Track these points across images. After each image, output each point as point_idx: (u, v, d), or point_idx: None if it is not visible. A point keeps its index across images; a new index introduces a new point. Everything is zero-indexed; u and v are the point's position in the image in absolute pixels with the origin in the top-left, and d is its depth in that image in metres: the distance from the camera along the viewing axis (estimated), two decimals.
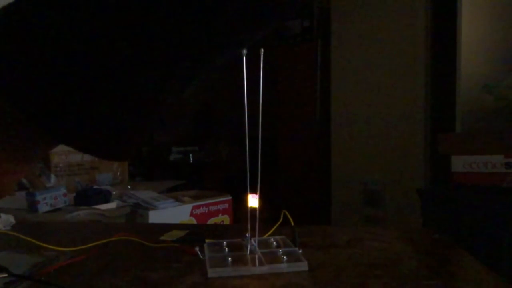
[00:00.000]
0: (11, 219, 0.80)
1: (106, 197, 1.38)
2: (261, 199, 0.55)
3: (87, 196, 1.36)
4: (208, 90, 3.73)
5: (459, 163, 1.51)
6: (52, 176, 1.60)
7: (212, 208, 1.44)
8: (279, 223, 0.68)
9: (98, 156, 0.25)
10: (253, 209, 0.55)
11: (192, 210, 1.37)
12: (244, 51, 0.46)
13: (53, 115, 0.22)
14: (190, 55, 0.23)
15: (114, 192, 1.47)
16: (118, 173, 1.88)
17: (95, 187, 1.58)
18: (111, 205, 1.34)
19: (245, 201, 0.56)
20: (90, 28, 0.21)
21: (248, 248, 0.56)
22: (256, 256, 0.53)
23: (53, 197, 1.28)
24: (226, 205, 1.49)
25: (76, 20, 0.21)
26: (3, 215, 0.79)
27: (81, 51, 0.21)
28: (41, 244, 0.60)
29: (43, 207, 1.25)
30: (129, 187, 1.72)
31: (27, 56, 0.21)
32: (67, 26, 0.21)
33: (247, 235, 0.57)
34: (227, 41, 0.24)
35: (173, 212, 1.31)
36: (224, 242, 0.59)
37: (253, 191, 0.55)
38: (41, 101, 0.22)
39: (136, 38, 0.21)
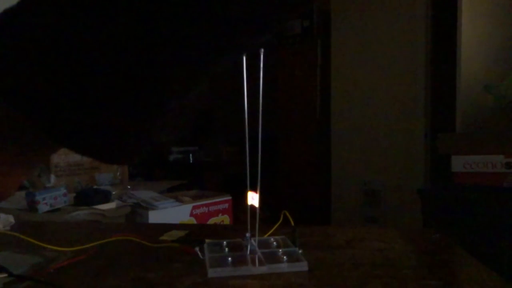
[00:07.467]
0: (11, 219, 0.80)
1: (106, 197, 1.38)
2: (261, 199, 0.55)
3: (87, 196, 1.36)
4: (208, 90, 3.73)
5: (459, 163, 1.50)
6: (52, 176, 1.60)
7: (212, 208, 1.44)
8: (279, 223, 0.68)
9: (101, 160, 0.25)
10: (253, 208, 0.55)
11: (192, 210, 1.37)
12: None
13: (56, 119, 0.22)
14: (193, 59, 0.23)
15: (114, 192, 1.47)
16: (118, 173, 1.88)
17: (95, 187, 1.58)
18: (111, 205, 1.34)
19: (245, 200, 0.56)
20: (93, 31, 0.20)
21: (248, 248, 0.56)
22: (256, 256, 0.53)
23: (53, 197, 1.28)
24: (226, 205, 1.49)
25: (79, 24, 0.20)
26: (3, 215, 0.79)
27: (84, 55, 0.21)
28: (41, 244, 0.60)
29: (43, 207, 1.25)
30: (129, 187, 1.72)
31: (30, 60, 0.21)
32: (70, 29, 0.20)
33: (247, 235, 0.57)
34: (231, 45, 0.24)
35: (173, 212, 1.31)
36: (224, 242, 0.59)
37: (253, 190, 0.55)
38: (44, 105, 0.22)
39: (139, 42, 0.21)
